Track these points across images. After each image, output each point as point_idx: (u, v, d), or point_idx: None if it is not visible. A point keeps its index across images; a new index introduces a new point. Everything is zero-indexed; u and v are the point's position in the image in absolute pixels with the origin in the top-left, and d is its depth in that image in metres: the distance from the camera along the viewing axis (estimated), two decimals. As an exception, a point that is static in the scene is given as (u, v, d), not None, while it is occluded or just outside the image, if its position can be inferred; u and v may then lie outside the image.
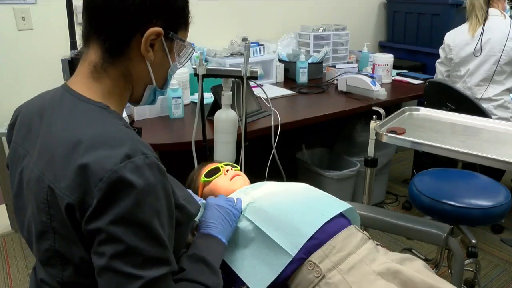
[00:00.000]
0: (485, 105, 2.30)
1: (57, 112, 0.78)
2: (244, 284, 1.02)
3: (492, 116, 2.27)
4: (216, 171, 1.27)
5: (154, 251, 0.69)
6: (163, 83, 0.89)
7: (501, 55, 2.26)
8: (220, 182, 1.24)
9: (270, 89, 2.55)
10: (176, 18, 0.83)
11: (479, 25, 2.31)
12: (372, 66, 2.87)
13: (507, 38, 2.23)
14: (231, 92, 1.50)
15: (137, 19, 0.77)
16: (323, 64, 2.98)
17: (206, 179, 1.25)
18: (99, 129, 0.72)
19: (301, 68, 2.79)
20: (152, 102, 0.91)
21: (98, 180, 0.66)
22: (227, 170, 1.28)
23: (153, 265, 0.69)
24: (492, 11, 2.31)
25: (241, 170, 1.54)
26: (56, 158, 0.70)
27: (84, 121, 0.73)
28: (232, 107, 1.52)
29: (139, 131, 0.92)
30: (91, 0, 0.77)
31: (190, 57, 0.92)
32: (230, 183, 1.24)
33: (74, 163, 0.67)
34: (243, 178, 1.28)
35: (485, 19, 2.29)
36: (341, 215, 1.15)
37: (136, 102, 0.89)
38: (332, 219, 1.10)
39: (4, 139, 2.29)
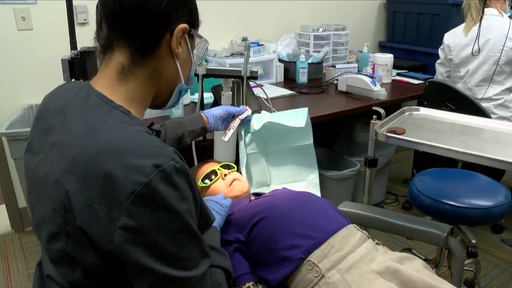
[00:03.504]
0: (485, 104, 2.30)
1: (80, 113, 0.76)
2: (246, 283, 1.02)
3: (492, 115, 2.27)
4: (213, 174, 1.26)
5: (197, 249, 0.73)
6: (188, 81, 0.91)
7: (500, 55, 2.25)
8: (218, 187, 1.23)
9: (270, 89, 2.55)
10: (195, 15, 0.86)
11: (473, 24, 2.32)
12: (372, 66, 2.87)
13: (506, 38, 2.23)
14: (231, 92, 1.50)
15: (167, 17, 0.79)
16: (323, 64, 2.98)
17: (203, 184, 1.23)
18: (123, 137, 0.71)
19: (301, 68, 2.79)
20: (175, 103, 0.92)
21: (130, 193, 0.65)
22: (225, 175, 1.27)
23: (199, 262, 0.73)
24: (489, 10, 2.30)
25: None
26: (79, 164, 0.69)
27: (108, 126, 0.72)
28: (232, 107, 1.52)
29: (158, 133, 0.92)
30: (118, 3, 0.77)
31: (206, 53, 0.95)
32: (228, 189, 1.24)
33: (99, 171, 0.66)
34: (241, 183, 1.27)
35: (481, 18, 2.29)
36: (340, 214, 1.15)
37: (161, 105, 0.89)
38: (331, 218, 1.10)
39: (4, 139, 2.29)
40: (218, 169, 1.28)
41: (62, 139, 0.75)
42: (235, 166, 1.34)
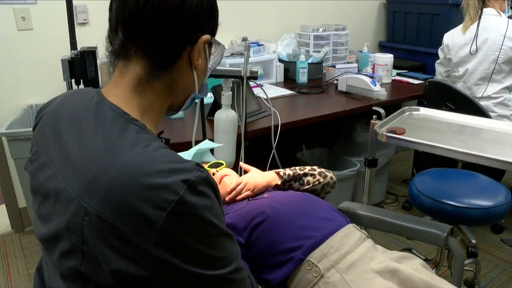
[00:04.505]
0: (484, 103, 2.30)
1: (94, 127, 0.72)
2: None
3: (492, 114, 2.27)
4: None
5: (231, 244, 0.73)
6: (202, 89, 0.88)
7: (499, 54, 2.26)
8: None
9: (270, 89, 2.56)
10: (216, 23, 0.83)
11: (471, 23, 2.33)
12: (372, 66, 2.88)
13: (504, 37, 2.24)
14: (231, 92, 1.50)
15: (191, 29, 0.75)
16: (323, 64, 2.98)
17: None
18: (144, 155, 0.68)
19: (301, 68, 2.79)
20: (186, 109, 0.89)
21: (162, 212, 0.63)
22: (213, 174, 1.27)
23: (235, 254, 0.74)
24: (487, 10, 2.31)
25: (241, 170, 1.54)
26: (99, 185, 0.66)
27: (127, 143, 0.69)
28: (232, 107, 1.52)
29: (167, 142, 0.91)
30: (140, 11, 0.71)
31: (221, 59, 0.92)
32: (220, 186, 1.24)
33: (124, 192, 0.64)
34: (231, 178, 1.27)
35: (479, 18, 2.29)
36: (339, 214, 1.15)
37: (172, 113, 0.88)
38: (330, 218, 1.10)
39: (4, 139, 2.30)
40: (206, 169, 1.27)
41: (77, 154, 0.71)
42: (223, 163, 1.33)
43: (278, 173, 1.28)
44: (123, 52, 0.75)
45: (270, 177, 1.28)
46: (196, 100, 1.72)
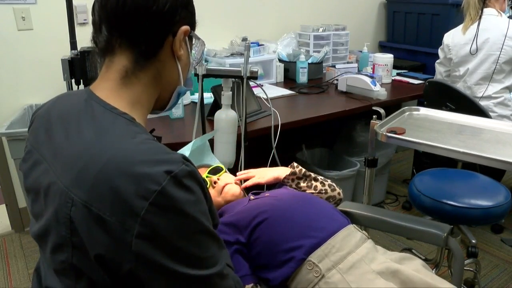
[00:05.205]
0: (485, 103, 2.30)
1: (83, 122, 0.74)
2: (246, 285, 1.02)
3: (492, 114, 2.28)
4: None
5: (215, 246, 0.73)
6: (186, 83, 0.90)
7: (500, 54, 2.26)
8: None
9: (270, 89, 2.56)
10: (194, 16, 0.86)
11: (471, 23, 2.33)
12: (372, 66, 2.88)
13: (505, 37, 2.24)
14: (231, 92, 1.50)
15: (170, 19, 0.78)
16: (323, 64, 2.98)
17: None
18: (130, 146, 0.69)
19: (301, 68, 2.79)
20: (174, 105, 0.92)
21: (144, 203, 0.64)
22: (215, 182, 1.26)
23: (218, 258, 0.73)
24: (488, 10, 2.31)
25: (240, 170, 1.54)
26: (86, 177, 0.67)
27: (114, 136, 0.71)
28: (232, 107, 1.52)
29: (159, 139, 0.91)
30: (121, 6, 0.75)
31: (203, 55, 0.95)
32: (221, 196, 1.24)
33: (110, 183, 0.65)
34: (232, 186, 1.26)
35: (479, 18, 2.30)
36: (340, 214, 1.15)
37: (161, 108, 0.89)
38: (331, 218, 1.10)
39: (4, 139, 2.30)
40: (207, 176, 1.27)
41: (67, 149, 0.73)
42: (223, 167, 1.33)
43: (291, 166, 1.32)
44: (109, 48, 0.78)
45: (280, 169, 1.34)
46: (196, 101, 1.72)
